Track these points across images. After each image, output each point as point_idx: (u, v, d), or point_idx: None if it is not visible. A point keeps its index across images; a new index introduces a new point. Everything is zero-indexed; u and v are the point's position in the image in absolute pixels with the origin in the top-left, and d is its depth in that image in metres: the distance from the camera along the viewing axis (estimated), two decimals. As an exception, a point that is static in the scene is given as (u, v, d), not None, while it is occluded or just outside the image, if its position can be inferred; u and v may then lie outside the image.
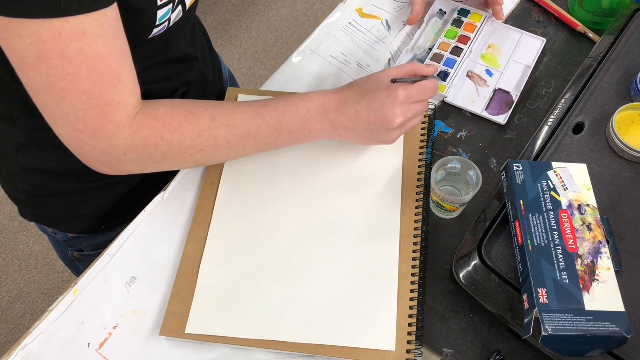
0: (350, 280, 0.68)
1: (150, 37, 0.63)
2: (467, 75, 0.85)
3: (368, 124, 0.67)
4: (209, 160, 0.67)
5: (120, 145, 0.59)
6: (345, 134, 0.69)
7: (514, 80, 0.84)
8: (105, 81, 0.54)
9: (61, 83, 0.53)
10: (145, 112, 0.60)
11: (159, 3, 0.59)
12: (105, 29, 0.53)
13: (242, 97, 0.83)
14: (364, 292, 0.67)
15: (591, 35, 0.88)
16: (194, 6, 0.70)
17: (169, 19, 0.63)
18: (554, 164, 0.67)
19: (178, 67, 0.76)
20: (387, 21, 0.93)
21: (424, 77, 0.70)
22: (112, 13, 0.53)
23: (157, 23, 0.61)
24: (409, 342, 0.63)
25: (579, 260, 0.60)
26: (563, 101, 0.76)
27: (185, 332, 0.65)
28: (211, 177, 0.76)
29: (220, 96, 0.93)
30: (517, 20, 0.91)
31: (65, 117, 0.55)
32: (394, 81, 0.66)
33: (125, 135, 0.58)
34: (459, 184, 0.72)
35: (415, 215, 0.71)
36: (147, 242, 0.73)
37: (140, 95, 0.61)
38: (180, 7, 0.64)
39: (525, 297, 0.60)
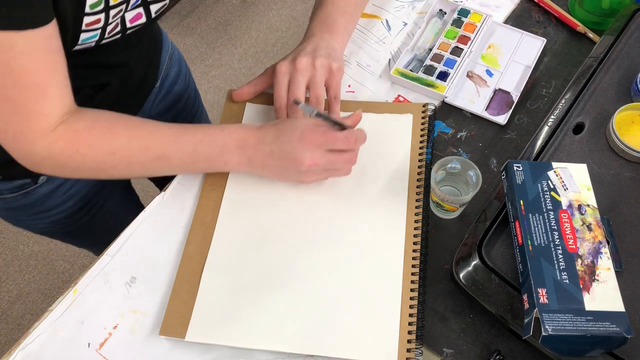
0: (352, 286, 0.67)
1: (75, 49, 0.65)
2: (467, 75, 0.85)
3: (280, 163, 0.68)
4: (123, 175, 0.69)
5: (38, 152, 0.63)
6: (262, 170, 0.71)
7: (514, 80, 0.84)
8: (30, 93, 0.58)
9: None
10: (67, 124, 0.63)
11: (83, 27, 0.61)
12: (36, 45, 0.56)
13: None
14: (367, 299, 0.66)
15: (591, 35, 0.88)
16: (143, 28, 0.70)
17: (98, 41, 0.65)
18: (554, 164, 0.67)
19: (101, 70, 0.77)
20: (387, 21, 0.93)
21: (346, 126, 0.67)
22: (46, 32, 0.56)
23: (79, 42, 0.63)
24: (409, 342, 0.63)
25: (579, 260, 0.60)
26: (563, 101, 0.76)
27: (186, 339, 0.65)
28: (211, 177, 0.76)
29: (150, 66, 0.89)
30: (517, 20, 0.91)
31: None
32: (317, 114, 0.62)
33: (44, 144, 0.62)
34: (459, 184, 0.72)
35: (415, 215, 0.71)
36: (147, 242, 0.73)
37: (70, 106, 0.64)
38: (117, 30, 0.66)
39: (525, 297, 0.60)
